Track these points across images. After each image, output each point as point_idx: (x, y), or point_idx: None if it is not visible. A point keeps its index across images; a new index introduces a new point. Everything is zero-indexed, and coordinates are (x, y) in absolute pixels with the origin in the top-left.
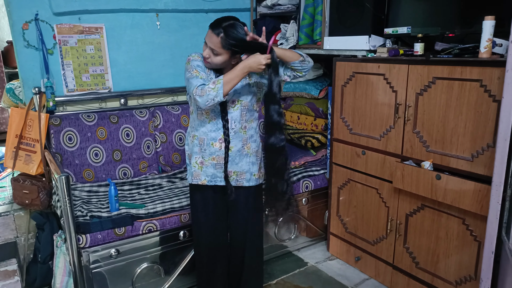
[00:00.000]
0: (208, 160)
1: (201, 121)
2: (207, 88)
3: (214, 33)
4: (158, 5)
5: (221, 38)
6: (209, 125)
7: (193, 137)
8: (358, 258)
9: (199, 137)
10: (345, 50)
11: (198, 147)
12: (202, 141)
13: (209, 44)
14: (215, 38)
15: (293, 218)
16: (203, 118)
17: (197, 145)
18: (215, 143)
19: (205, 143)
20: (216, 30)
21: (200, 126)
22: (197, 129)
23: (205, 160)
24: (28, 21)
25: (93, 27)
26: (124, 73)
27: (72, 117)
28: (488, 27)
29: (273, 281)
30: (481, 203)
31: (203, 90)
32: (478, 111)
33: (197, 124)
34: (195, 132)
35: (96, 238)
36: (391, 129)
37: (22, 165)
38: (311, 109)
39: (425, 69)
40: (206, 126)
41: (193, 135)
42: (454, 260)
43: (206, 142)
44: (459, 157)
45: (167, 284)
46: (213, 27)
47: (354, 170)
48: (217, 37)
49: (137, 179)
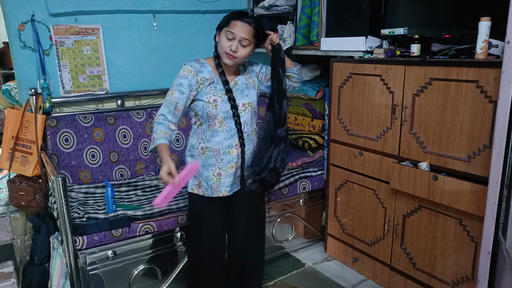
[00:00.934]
0: (226, 169)
1: (213, 132)
2: (156, 127)
3: (247, 22)
4: (155, 6)
5: (254, 28)
6: (223, 134)
7: (205, 149)
8: (355, 259)
9: (213, 148)
10: (342, 51)
11: (213, 159)
12: (217, 152)
13: (240, 34)
14: (248, 27)
15: (291, 219)
16: (215, 128)
17: (211, 157)
18: (232, 150)
19: (221, 153)
20: (247, 19)
21: (212, 137)
22: (209, 140)
23: (223, 171)
24: (24, 22)
25: (90, 28)
26: (121, 74)
27: (68, 118)
28: (484, 28)
29: (270, 282)
30: (478, 203)
31: (156, 125)
32: (475, 112)
33: (209, 135)
34: (206, 144)
35: (93, 239)
36: (388, 130)
37: (18, 166)
38: (308, 110)
39: (422, 70)
40: (220, 135)
41: (203, 147)
42: (451, 260)
43: (222, 151)
44: (455, 158)
45: (165, 285)
46: (242, 17)
47: (351, 171)
48: (250, 26)
49: (134, 180)
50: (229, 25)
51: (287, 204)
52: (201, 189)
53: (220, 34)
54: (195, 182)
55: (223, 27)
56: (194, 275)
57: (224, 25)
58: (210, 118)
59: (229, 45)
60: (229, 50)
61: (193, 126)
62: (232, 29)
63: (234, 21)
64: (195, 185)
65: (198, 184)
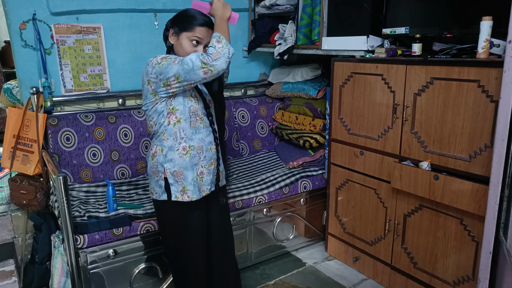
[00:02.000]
0: (208, 167)
1: (195, 129)
2: (216, 49)
3: (211, 27)
4: (156, 5)
5: (212, 29)
6: (204, 130)
7: (188, 148)
8: (356, 258)
9: (196, 146)
10: (343, 50)
11: (196, 157)
12: (200, 149)
13: (207, 39)
14: (211, 31)
15: (291, 219)
16: (197, 125)
17: (195, 156)
18: (212, 146)
19: (204, 150)
20: (211, 23)
21: (194, 134)
22: (191, 138)
23: (206, 169)
24: (25, 21)
25: (91, 27)
26: (122, 73)
27: (70, 117)
28: (486, 28)
29: (271, 281)
30: (479, 203)
31: (215, 53)
32: (476, 112)
33: (191, 133)
34: (189, 142)
35: (94, 238)
36: (389, 130)
37: (19, 165)
38: (309, 110)
39: (423, 69)
40: (201, 132)
41: (185, 146)
42: (452, 260)
43: (204, 148)
44: (456, 157)
45: (165, 284)
46: (206, 22)
47: (352, 171)
48: (211, 29)
49: (135, 179)
50: (193, 31)
51: (288, 203)
52: (187, 194)
53: (180, 37)
54: (178, 189)
55: (183, 30)
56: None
57: (186, 29)
58: (193, 114)
59: (195, 51)
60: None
61: (165, 127)
62: (199, 35)
63: (199, 27)
64: (179, 192)
65: (182, 190)
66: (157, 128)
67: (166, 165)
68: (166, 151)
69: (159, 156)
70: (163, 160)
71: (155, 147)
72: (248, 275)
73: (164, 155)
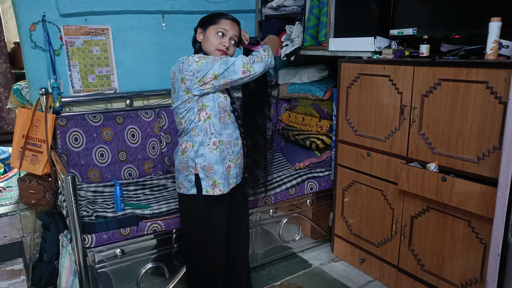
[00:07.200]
0: (235, 161)
1: (224, 124)
2: (260, 55)
3: (236, 22)
4: (164, 6)
5: (239, 27)
6: (231, 125)
7: (218, 143)
8: (362, 260)
9: (225, 140)
10: (350, 51)
11: (225, 152)
12: (228, 144)
13: (232, 32)
14: (237, 26)
15: (298, 220)
16: (226, 120)
17: (224, 150)
18: (239, 141)
19: (232, 145)
20: (235, 19)
21: (223, 130)
22: (221, 133)
23: (233, 163)
24: (35, 23)
25: (100, 28)
26: (129, 74)
27: (78, 118)
28: (495, 29)
29: (277, 282)
30: (487, 205)
31: (257, 57)
32: (484, 113)
33: (220, 129)
34: (218, 137)
35: (102, 238)
36: (396, 131)
37: (28, 165)
38: (316, 111)
39: (431, 70)
40: (229, 127)
41: (215, 141)
42: (460, 262)
43: (232, 143)
44: (464, 159)
45: (172, 284)
46: (229, 16)
47: (359, 172)
48: (238, 26)
49: (142, 179)
50: (219, 23)
51: (294, 205)
52: (218, 188)
53: (206, 32)
54: (209, 183)
55: (209, 25)
56: (198, 278)
57: (212, 23)
58: (222, 110)
59: (221, 42)
60: (221, 47)
61: (195, 124)
62: (224, 26)
63: (224, 19)
64: (209, 186)
65: (212, 184)
66: (187, 125)
67: (197, 160)
68: (197, 146)
69: (189, 152)
70: (194, 155)
71: (185, 143)
72: (254, 276)
73: (195, 151)
